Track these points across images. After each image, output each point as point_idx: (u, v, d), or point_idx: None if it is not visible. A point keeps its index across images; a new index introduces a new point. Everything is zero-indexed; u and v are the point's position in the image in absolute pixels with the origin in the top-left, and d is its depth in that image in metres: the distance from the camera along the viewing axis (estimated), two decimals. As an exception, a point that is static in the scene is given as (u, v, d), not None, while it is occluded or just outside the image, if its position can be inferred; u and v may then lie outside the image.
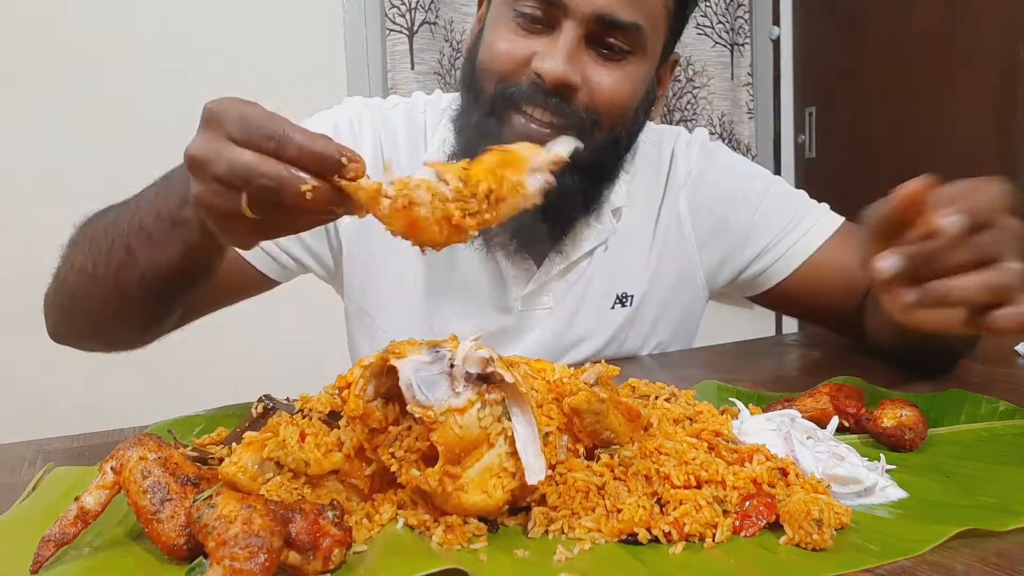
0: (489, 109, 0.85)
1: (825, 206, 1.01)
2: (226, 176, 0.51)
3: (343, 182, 0.48)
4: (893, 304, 0.59)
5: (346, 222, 0.94)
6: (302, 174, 0.48)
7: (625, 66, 0.85)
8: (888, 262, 0.53)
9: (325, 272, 0.99)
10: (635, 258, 1.00)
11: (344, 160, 0.48)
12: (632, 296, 1.00)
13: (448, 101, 0.98)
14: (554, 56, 0.81)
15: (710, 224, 1.01)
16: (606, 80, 0.83)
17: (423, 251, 0.50)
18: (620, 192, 0.97)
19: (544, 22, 0.83)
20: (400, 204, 0.46)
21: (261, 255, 0.92)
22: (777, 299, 1.03)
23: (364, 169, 0.48)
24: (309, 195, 0.47)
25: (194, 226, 0.62)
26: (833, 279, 0.96)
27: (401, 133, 0.96)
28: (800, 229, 0.98)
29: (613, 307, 0.99)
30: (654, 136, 1.03)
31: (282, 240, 0.93)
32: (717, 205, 1.00)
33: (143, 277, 0.70)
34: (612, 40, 0.83)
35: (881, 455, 0.56)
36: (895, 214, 0.53)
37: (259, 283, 0.94)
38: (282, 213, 0.51)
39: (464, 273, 0.94)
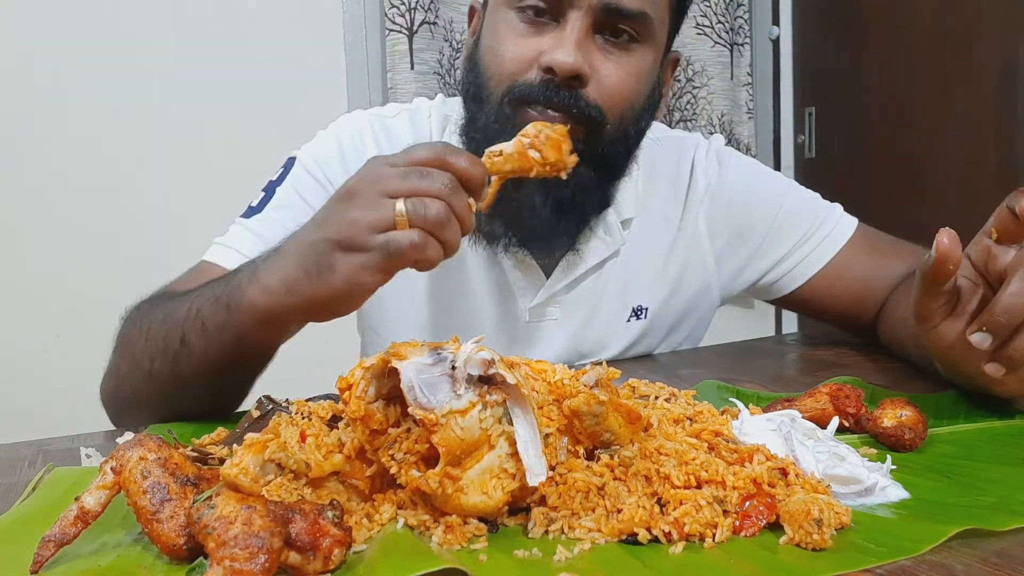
0: (499, 112, 0.83)
1: (839, 208, 1.01)
2: (399, 178, 0.58)
3: (491, 160, 0.60)
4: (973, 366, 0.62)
5: None
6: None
7: (632, 56, 0.83)
8: (982, 338, 0.59)
9: None
10: (650, 270, 0.98)
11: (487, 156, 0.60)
12: (647, 309, 0.99)
13: (452, 107, 0.96)
14: (564, 47, 0.79)
15: (726, 237, 1.00)
16: (613, 71, 0.82)
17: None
18: (629, 202, 0.95)
19: (549, 14, 0.81)
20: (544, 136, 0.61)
21: None
22: (791, 303, 1.03)
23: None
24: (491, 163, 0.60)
25: (250, 313, 0.65)
26: (849, 284, 0.96)
27: (406, 142, 0.95)
28: (817, 237, 0.98)
29: (629, 320, 0.98)
30: (672, 145, 1.01)
31: None
32: (733, 219, 0.99)
33: (199, 366, 0.70)
34: (620, 26, 0.81)
35: (888, 456, 0.56)
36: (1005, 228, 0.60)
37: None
38: (431, 212, 0.57)
39: (471, 285, 0.93)
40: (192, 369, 0.70)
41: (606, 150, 0.84)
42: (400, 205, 0.57)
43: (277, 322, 0.66)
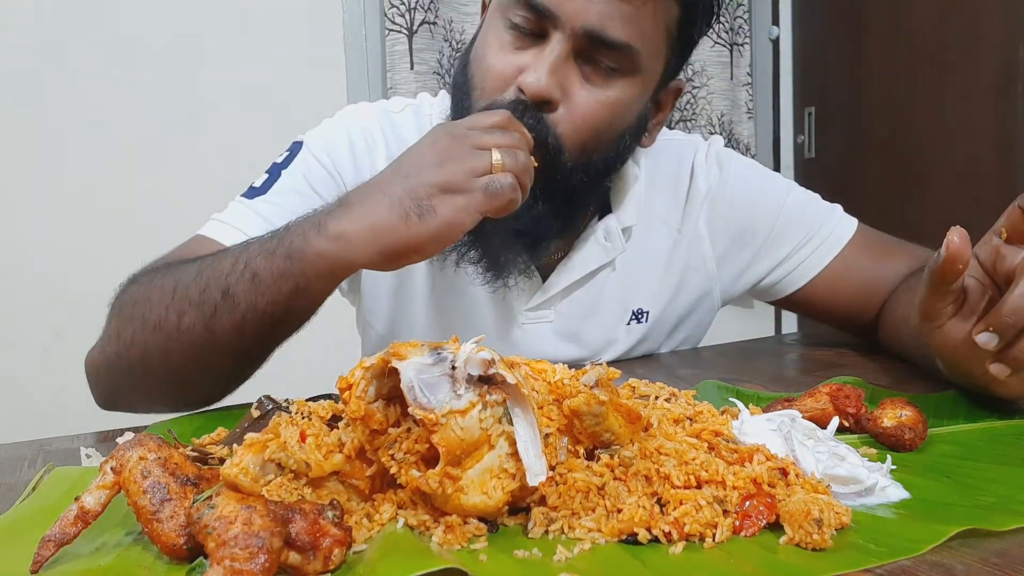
0: None
1: (839, 208, 1.01)
2: (485, 135, 0.68)
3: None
4: (979, 368, 0.62)
5: None
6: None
7: (612, 86, 0.81)
8: (989, 338, 0.59)
9: (347, 287, 1.01)
10: (651, 275, 0.99)
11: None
12: (647, 312, 0.99)
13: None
14: (537, 70, 0.78)
15: (727, 240, 1.00)
16: (587, 99, 0.80)
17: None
18: (632, 210, 0.95)
19: (536, 32, 0.80)
20: None
21: None
22: (792, 304, 1.03)
23: None
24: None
25: (316, 262, 0.67)
26: (850, 284, 0.97)
27: (411, 138, 0.95)
28: (818, 238, 0.97)
29: (629, 323, 0.98)
30: (671, 149, 1.00)
31: None
32: (734, 221, 0.99)
33: (243, 320, 0.69)
34: (602, 57, 0.79)
35: (888, 456, 0.56)
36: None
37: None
38: (520, 160, 0.68)
39: (468, 287, 0.93)
40: (232, 323, 0.69)
41: (561, 178, 0.82)
42: (496, 154, 0.66)
43: (342, 271, 0.69)
